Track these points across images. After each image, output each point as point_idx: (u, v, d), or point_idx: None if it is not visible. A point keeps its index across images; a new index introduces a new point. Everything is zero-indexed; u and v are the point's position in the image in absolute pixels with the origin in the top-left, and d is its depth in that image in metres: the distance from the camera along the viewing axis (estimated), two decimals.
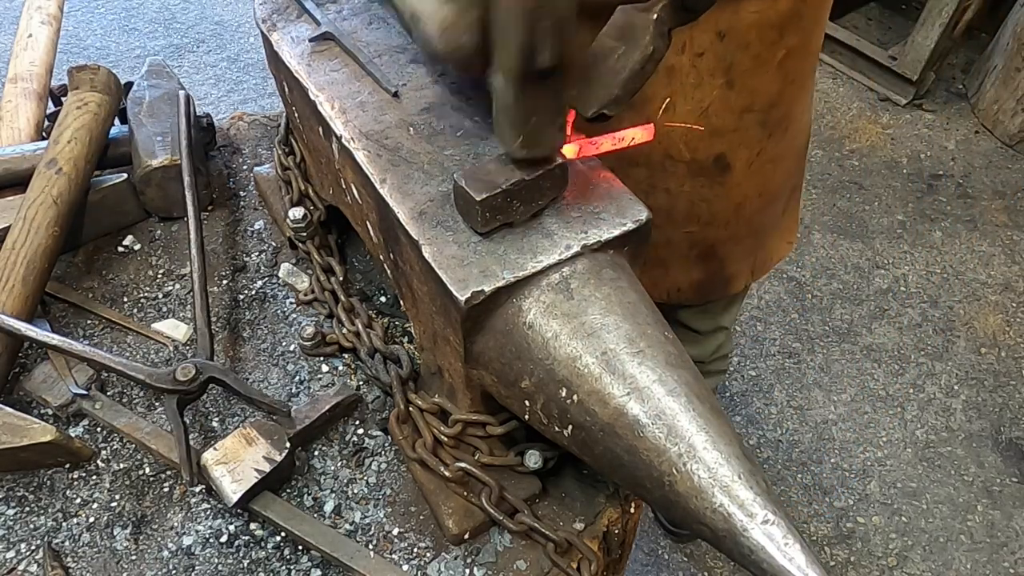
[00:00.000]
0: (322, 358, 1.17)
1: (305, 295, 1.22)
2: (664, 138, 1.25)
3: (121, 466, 1.06)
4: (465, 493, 0.98)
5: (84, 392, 1.08)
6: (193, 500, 1.03)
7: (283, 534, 0.99)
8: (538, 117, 0.76)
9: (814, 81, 1.43)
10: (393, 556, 0.99)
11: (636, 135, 0.86)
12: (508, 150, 0.79)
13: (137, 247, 1.30)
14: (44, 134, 1.45)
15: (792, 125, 1.35)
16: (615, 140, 0.85)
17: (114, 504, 1.03)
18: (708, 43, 1.14)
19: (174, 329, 1.20)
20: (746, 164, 1.32)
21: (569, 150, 0.84)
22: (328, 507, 1.02)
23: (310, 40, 1.06)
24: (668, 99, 1.20)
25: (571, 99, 0.81)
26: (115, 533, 1.00)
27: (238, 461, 0.98)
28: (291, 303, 1.23)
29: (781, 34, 1.17)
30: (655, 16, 0.80)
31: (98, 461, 1.06)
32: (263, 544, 0.99)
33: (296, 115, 1.15)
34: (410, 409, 1.01)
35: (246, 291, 1.25)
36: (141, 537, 1.00)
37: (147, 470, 1.06)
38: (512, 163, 0.81)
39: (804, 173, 1.61)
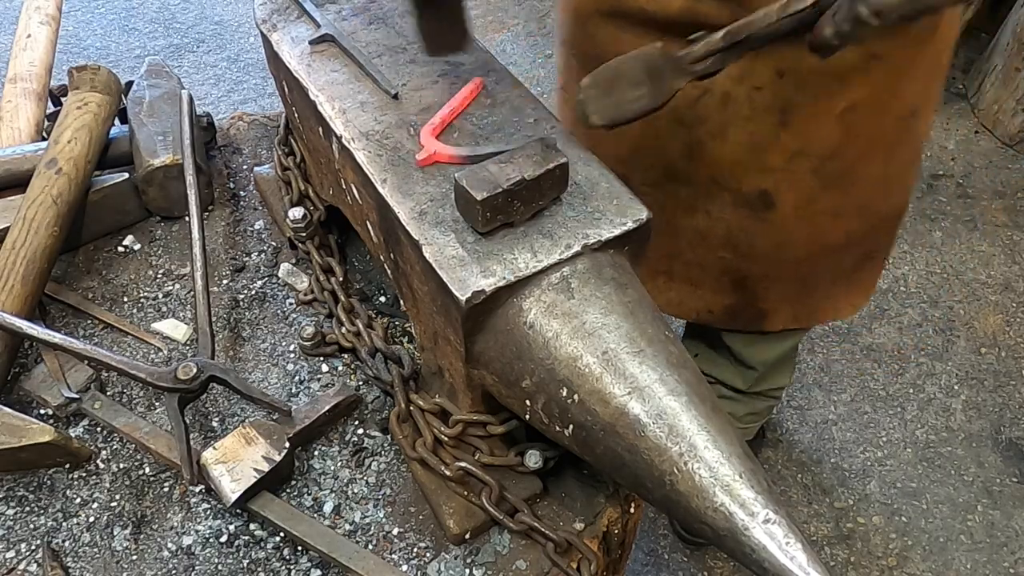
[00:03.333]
0: (322, 358, 1.16)
1: (305, 295, 1.22)
2: (712, 163, 1.23)
3: (121, 466, 1.06)
4: (465, 493, 0.98)
5: (76, 396, 1.08)
6: (193, 500, 1.03)
7: (282, 534, 0.99)
8: (440, 24, 0.92)
9: (907, 151, 1.34)
10: (393, 556, 0.99)
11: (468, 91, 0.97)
12: (425, 51, 0.96)
13: (137, 247, 1.30)
14: (44, 134, 1.45)
15: (858, 183, 1.29)
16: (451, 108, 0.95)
17: (114, 504, 1.03)
18: (767, 79, 1.12)
19: (174, 329, 1.19)
20: (793, 208, 1.28)
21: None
22: (328, 507, 1.02)
23: (310, 42, 1.06)
24: (721, 125, 1.19)
25: (580, 103, 0.86)
26: (115, 533, 1.00)
27: (237, 460, 0.98)
28: (291, 303, 1.23)
29: (843, 84, 1.13)
30: (686, 80, 0.85)
31: (98, 461, 1.06)
32: (263, 544, 0.99)
33: (296, 115, 1.15)
34: (411, 409, 1.01)
35: (246, 291, 1.25)
36: (141, 537, 1.00)
37: (147, 470, 1.06)
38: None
39: (890, 243, 1.52)
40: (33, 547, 0.99)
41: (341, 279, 1.19)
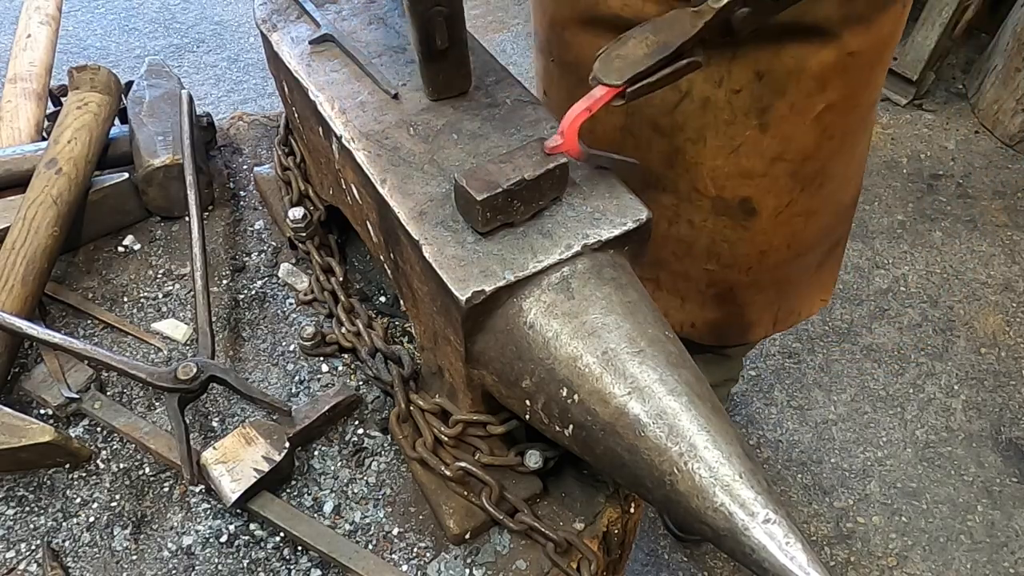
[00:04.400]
0: (322, 358, 1.16)
1: (305, 295, 1.22)
2: (692, 169, 1.23)
3: (121, 466, 1.06)
4: (466, 493, 0.98)
5: (76, 396, 1.08)
6: (193, 500, 1.03)
7: (282, 534, 0.99)
8: (444, 74, 0.96)
9: (865, 140, 1.37)
10: (393, 556, 0.99)
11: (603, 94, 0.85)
12: (428, 96, 0.99)
13: (137, 247, 1.30)
14: (44, 134, 1.45)
15: (829, 182, 1.30)
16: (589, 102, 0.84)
17: (114, 504, 1.03)
18: (746, 81, 1.11)
19: (174, 329, 1.19)
20: (773, 213, 1.28)
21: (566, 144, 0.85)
22: (328, 507, 1.02)
23: (310, 42, 1.06)
24: (700, 130, 1.18)
25: (596, 71, 0.83)
26: (115, 533, 1.00)
27: (237, 460, 0.98)
28: (291, 303, 1.23)
29: (821, 87, 1.12)
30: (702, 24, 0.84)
31: (98, 461, 1.06)
32: (263, 544, 0.99)
33: (296, 115, 1.15)
34: (411, 409, 1.01)
35: (246, 291, 1.25)
36: (141, 537, 1.00)
37: (147, 470, 1.06)
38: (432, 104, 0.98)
39: (848, 230, 1.55)
40: (33, 547, 0.99)
41: (341, 279, 1.19)
